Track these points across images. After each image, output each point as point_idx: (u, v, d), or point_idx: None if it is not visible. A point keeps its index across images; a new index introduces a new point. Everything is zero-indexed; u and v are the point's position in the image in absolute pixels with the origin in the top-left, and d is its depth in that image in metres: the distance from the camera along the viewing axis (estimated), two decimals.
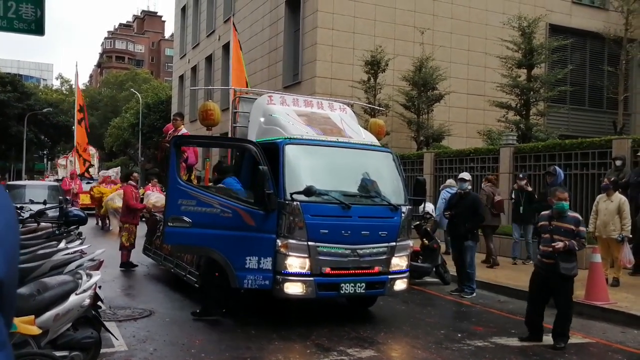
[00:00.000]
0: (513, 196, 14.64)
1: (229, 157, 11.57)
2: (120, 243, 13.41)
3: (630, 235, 11.40)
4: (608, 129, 27.18)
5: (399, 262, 8.82)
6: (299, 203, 8.01)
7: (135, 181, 14.44)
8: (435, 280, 12.30)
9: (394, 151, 9.70)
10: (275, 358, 6.97)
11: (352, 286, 8.30)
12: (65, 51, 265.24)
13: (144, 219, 14.30)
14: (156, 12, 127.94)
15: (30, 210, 12.00)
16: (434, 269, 12.13)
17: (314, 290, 8.12)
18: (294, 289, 8.06)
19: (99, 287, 6.38)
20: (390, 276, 8.67)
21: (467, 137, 25.95)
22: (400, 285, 8.89)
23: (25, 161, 56.92)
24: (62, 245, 7.38)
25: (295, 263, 8.03)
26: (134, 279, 12.53)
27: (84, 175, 27.89)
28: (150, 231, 13.35)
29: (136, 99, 59.82)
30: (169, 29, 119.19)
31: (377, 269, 8.54)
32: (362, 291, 8.47)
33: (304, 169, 8.56)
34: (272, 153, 8.34)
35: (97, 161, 28.34)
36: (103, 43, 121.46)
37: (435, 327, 8.77)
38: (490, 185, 14.86)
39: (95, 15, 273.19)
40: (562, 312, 7.87)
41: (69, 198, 22.00)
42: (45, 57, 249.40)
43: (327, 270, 8.14)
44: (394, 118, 24.22)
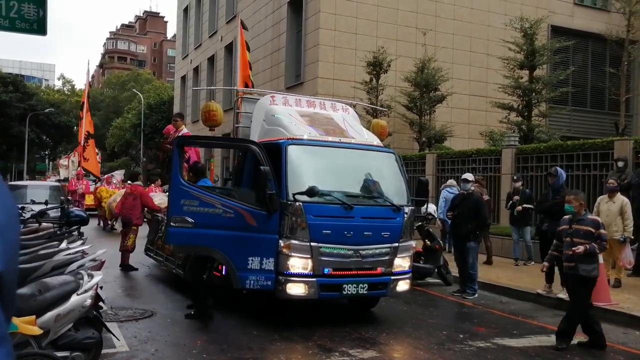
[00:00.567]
0: (513, 199, 14.56)
1: (232, 158, 11.53)
2: (124, 245, 13.37)
3: (632, 237, 11.41)
4: (610, 130, 27.15)
5: (402, 263, 8.79)
6: (301, 204, 7.98)
7: (141, 182, 14.40)
8: (437, 281, 12.29)
9: (396, 152, 9.68)
10: (277, 358, 6.96)
11: (355, 287, 8.26)
12: (67, 51, 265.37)
13: (146, 220, 14.28)
14: (158, 13, 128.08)
15: (32, 210, 12.00)
16: (436, 269, 12.12)
17: (317, 291, 8.09)
18: (296, 289, 8.03)
19: (101, 288, 6.38)
20: (392, 277, 8.64)
21: (469, 138, 25.95)
22: (403, 286, 8.86)
23: (26, 162, 56.94)
24: (64, 245, 7.38)
25: (298, 264, 7.99)
26: (136, 279, 12.53)
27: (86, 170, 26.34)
28: (152, 232, 13.34)
29: (138, 100, 59.85)
30: (171, 29, 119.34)
31: (380, 269, 8.50)
32: (365, 292, 8.44)
33: (307, 170, 8.53)
34: (275, 153, 8.31)
35: (100, 161, 28.23)
36: (105, 43, 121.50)
37: (437, 328, 8.76)
38: (477, 185, 14.97)
39: (97, 15, 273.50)
40: (570, 314, 7.90)
41: (70, 198, 22.03)
42: (47, 58, 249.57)
43: (330, 271, 8.12)
44: (396, 119, 24.21)
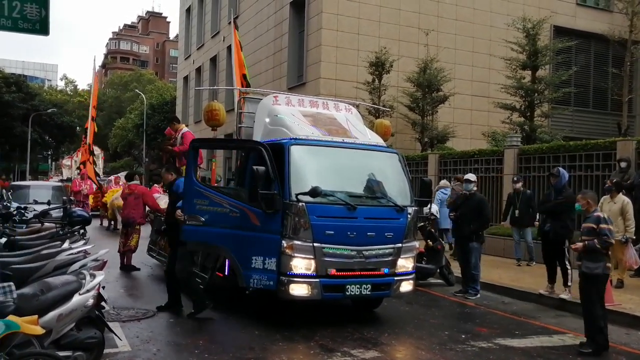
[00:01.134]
0: (516, 200, 14.50)
1: (234, 158, 11.51)
2: (128, 245, 13.34)
3: (634, 237, 11.37)
4: (612, 130, 27.14)
5: (405, 264, 8.76)
6: (304, 204, 7.95)
7: (138, 181, 14.28)
8: (440, 281, 12.28)
9: (399, 152, 9.62)
10: (279, 358, 6.96)
11: (358, 288, 8.23)
12: (69, 52, 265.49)
13: (148, 220, 14.26)
14: (161, 13, 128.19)
15: (34, 210, 12.03)
16: (438, 270, 12.12)
17: (320, 292, 8.06)
18: (299, 290, 8.00)
19: (103, 288, 6.38)
20: (396, 278, 8.61)
21: (472, 139, 25.92)
22: (406, 286, 8.83)
23: (29, 162, 57.04)
24: (66, 245, 7.42)
25: (301, 264, 7.96)
26: (138, 279, 12.53)
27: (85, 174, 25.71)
28: (155, 232, 13.33)
29: (140, 100, 59.90)
30: (174, 29, 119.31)
31: (383, 270, 8.47)
32: (368, 293, 8.40)
33: (310, 170, 8.49)
34: (278, 154, 8.32)
35: (102, 162, 28.14)
36: (107, 44, 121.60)
37: (439, 328, 8.75)
38: (460, 184, 15.09)
39: (99, 16, 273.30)
40: (584, 316, 7.94)
41: (73, 198, 22.03)
42: (49, 58, 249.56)
43: (333, 271, 8.09)
44: (399, 119, 24.16)
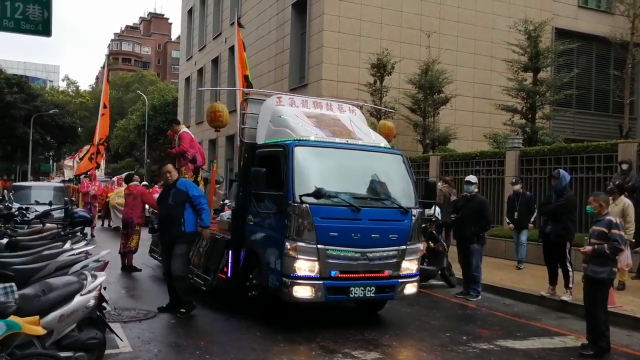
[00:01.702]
0: (515, 202, 14.47)
1: (237, 159, 11.42)
2: (128, 246, 13.33)
3: (633, 240, 11.35)
4: (614, 132, 27.13)
5: (409, 266, 8.69)
6: (308, 205, 7.91)
7: (137, 182, 14.17)
8: (441, 283, 12.28)
9: (404, 153, 9.54)
10: (280, 359, 6.97)
11: (362, 290, 8.19)
12: (71, 53, 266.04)
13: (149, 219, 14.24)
14: (163, 14, 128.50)
15: (36, 211, 12.03)
16: (439, 271, 12.11)
17: (323, 294, 8.01)
18: (302, 292, 7.94)
19: (104, 288, 6.39)
20: (400, 280, 8.56)
21: (473, 140, 25.92)
22: (411, 289, 8.77)
23: (31, 162, 57.06)
24: (67, 246, 7.42)
25: (304, 266, 7.91)
26: (139, 280, 12.53)
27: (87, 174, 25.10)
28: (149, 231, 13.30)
29: (142, 101, 59.94)
30: (176, 31, 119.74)
31: (387, 272, 8.43)
32: (372, 295, 8.36)
33: (313, 171, 8.43)
34: (281, 155, 8.35)
35: (104, 162, 28.05)
36: (109, 45, 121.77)
37: (441, 330, 8.75)
38: (447, 185, 15.44)
39: (101, 17, 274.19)
40: (587, 319, 7.93)
41: (74, 199, 22.03)
42: (51, 59, 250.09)
43: (337, 273, 8.05)
44: (400, 121, 24.15)
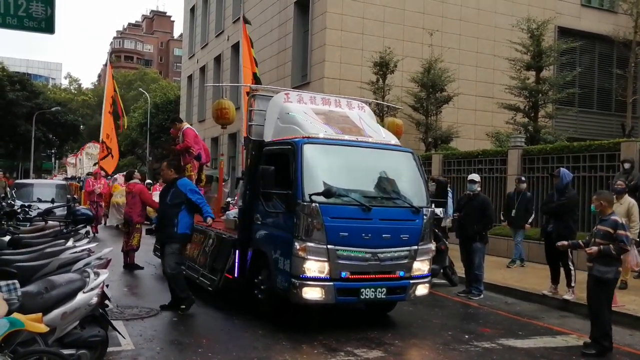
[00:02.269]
0: (515, 201, 14.46)
1: (242, 157, 11.25)
2: (130, 244, 13.26)
3: (638, 239, 11.34)
4: (616, 131, 27.12)
5: (421, 267, 8.53)
6: (317, 204, 7.75)
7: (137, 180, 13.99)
8: (443, 281, 12.25)
9: (414, 151, 9.32)
10: (283, 358, 6.96)
11: (373, 291, 8.04)
12: (73, 50, 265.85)
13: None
14: (165, 12, 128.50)
15: (38, 208, 12.04)
16: (441, 270, 12.09)
17: (334, 296, 7.85)
18: (312, 294, 7.79)
19: (107, 286, 6.39)
20: (411, 281, 8.41)
21: (476, 139, 25.89)
22: (422, 290, 8.61)
23: (33, 160, 57.06)
24: (70, 243, 7.42)
25: (314, 267, 7.75)
26: (141, 278, 12.54)
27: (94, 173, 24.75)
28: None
29: (144, 99, 59.90)
30: (178, 29, 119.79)
31: (399, 273, 8.28)
32: (383, 296, 8.21)
33: (323, 169, 8.28)
34: (290, 152, 8.23)
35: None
36: (112, 42, 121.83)
37: (443, 329, 8.76)
38: (434, 184, 15.31)
39: (104, 14, 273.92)
40: (591, 319, 7.93)
41: (76, 197, 21.98)
42: (53, 57, 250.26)
43: (347, 274, 7.89)
44: (403, 119, 24.07)
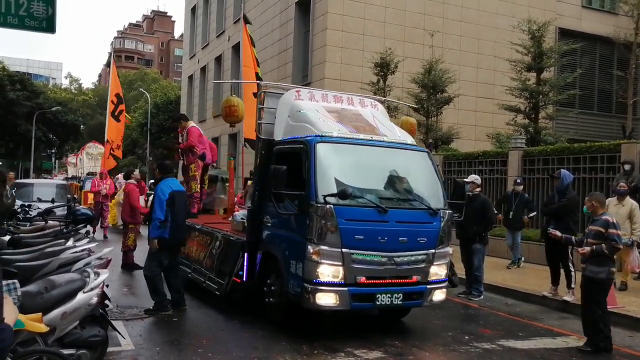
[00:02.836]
0: (512, 202, 14.43)
1: (242, 158, 11.13)
2: (125, 245, 13.23)
3: (639, 241, 11.38)
4: (617, 133, 27.07)
5: (438, 271, 8.20)
6: (332, 206, 7.41)
7: (136, 180, 14.03)
8: None
9: (429, 151, 8.98)
10: (282, 358, 6.95)
11: (389, 297, 7.72)
12: (74, 50, 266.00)
13: None
14: (166, 12, 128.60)
15: (38, 208, 12.04)
16: None
17: (348, 302, 7.53)
18: (326, 299, 7.47)
19: (107, 286, 6.39)
20: (428, 286, 8.08)
21: (476, 140, 25.89)
22: (439, 295, 8.30)
23: (33, 160, 57.06)
24: (70, 243, 7.42)
25: (328, 271, 7.42)
26: (141, 278, 12.44)
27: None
28: None
29: (145, 99, 59.88)
30: (179, 29, 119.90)
31: (415, 278, 7.94)
32: (399, 302, 7.90)
33: (337, 169, 7.97)
34: (302, 152, 7.94)
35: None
36: (112, 42, 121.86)
37: (443, 329, 8.76)
38: None
39: (105, 14, 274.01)
40: (583, 319, 7.99)
41: (77, 197, 21.96)
42: (54, 56, 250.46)
43: (362, 279, 7.56)
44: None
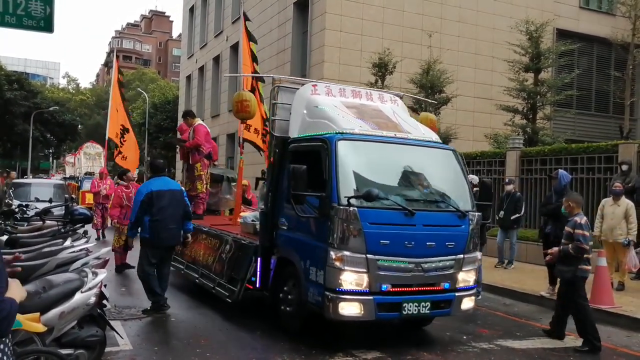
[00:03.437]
0: (504, 202, 14.49)
1: (266, 156, 10.78)
2: (113, 246, 12.65)
3: (636, 240, 11.41)
4: (614, 133, 27.11)
5: (467, 277, 7.73)
6: (356, 209, 6.94)
7: (128, 181, 13.70)
8: None
9: (456, 149, 8.56)
10: (281, 358, 6.96)
11: (416, 306, 7.23)
12: (72, 50, 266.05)
13: None
14: (164, 12, 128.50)
15: (36, 208, 12.03)
16: None
17: (373, 311, 7.04)
18: (350, 309, 6.97)
19: (105, 286, 6.38)
20: (457, 294, 7.61)
21: (474, 141, 25.87)
22: (468, 303, 7.83)
23: (30, 160, 57.04)
24: (68, 243, 7.41)
25: (352, 279, 6.94)
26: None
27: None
28: None
29: (143, 99, 59.90)
30: (177, 29, 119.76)
31: (443, 285, 7.48)
32: (427, 311, 7.40)
33: (360, 169, 7.51)
34: (322, 150, 7.46)
35: (104, 160, 28.02)
36: (110, 42, 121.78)
37: (441, 329, 8.75)
38: None
39: (103, 14, 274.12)
40: (574, 317, 8.08)
41: (73, 196, 21.92)
42: (51, 56, 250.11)
43: (388, 287, 7.09)
44: None
